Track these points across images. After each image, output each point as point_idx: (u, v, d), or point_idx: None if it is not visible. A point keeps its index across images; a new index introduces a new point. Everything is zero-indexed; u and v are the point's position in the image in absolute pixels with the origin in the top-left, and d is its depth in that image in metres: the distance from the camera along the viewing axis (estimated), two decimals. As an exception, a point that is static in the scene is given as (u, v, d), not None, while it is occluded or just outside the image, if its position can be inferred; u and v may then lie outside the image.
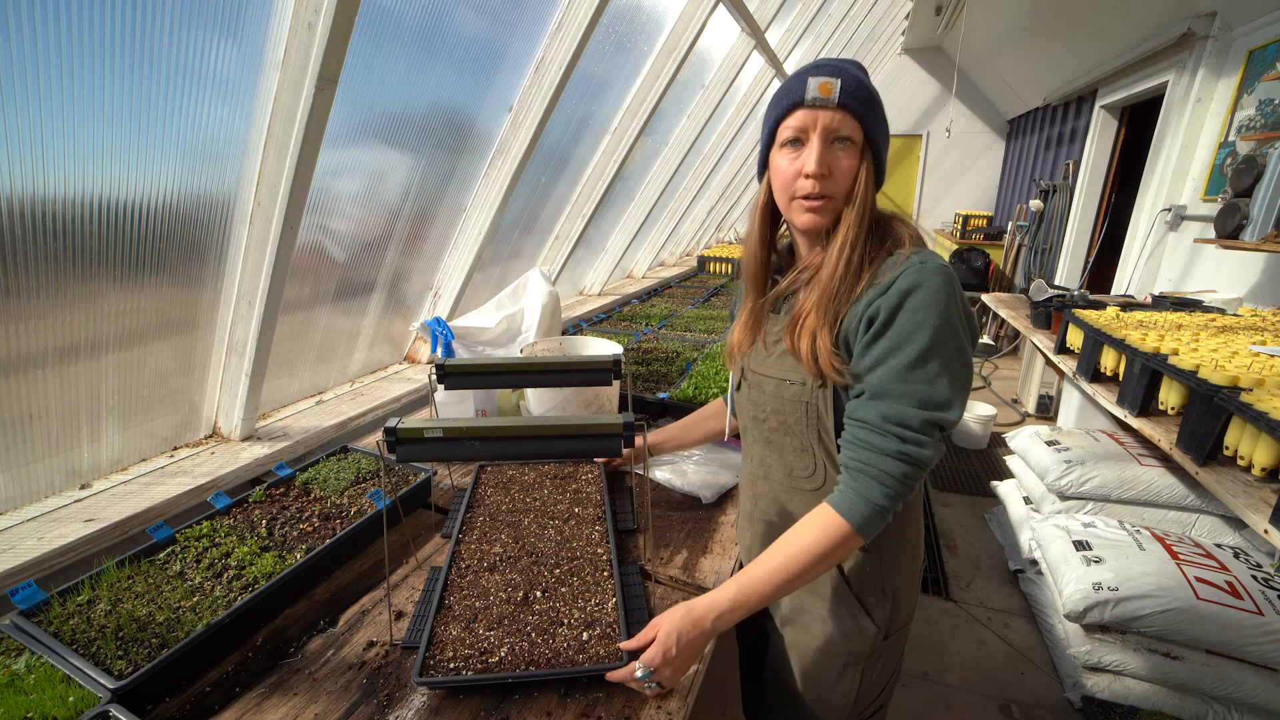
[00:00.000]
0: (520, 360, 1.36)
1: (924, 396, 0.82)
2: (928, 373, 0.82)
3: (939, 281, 0.83)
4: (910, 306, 0.82)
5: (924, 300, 0.82)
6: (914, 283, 0.83)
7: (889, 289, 0.84)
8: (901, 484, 0.83)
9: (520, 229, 2.71)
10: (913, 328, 0.82)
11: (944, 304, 0.82)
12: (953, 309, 0.83)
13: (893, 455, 0.82)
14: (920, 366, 0.82)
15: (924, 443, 0.82)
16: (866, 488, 0.83)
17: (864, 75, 0.90)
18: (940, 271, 0.84)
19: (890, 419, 0.82)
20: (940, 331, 0.82)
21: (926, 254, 0.88)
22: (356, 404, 1.87)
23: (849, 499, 0.84)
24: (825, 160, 0.88)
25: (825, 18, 4.63)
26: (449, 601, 1.06)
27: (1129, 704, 1.88)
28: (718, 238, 6.50)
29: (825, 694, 1.07)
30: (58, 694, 0.81)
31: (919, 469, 0.83)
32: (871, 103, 0.89)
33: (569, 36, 1.94)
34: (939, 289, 0.83)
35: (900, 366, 0.82)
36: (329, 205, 1.65)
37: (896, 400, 0.82)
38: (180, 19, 1.09)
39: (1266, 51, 2.86)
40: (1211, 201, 3.14)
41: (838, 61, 0.89)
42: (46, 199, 1.05)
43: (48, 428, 1.23)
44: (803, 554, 0.85)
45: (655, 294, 3.94)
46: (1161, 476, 2.30)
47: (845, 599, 1.02)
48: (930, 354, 0.82)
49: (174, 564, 1.09)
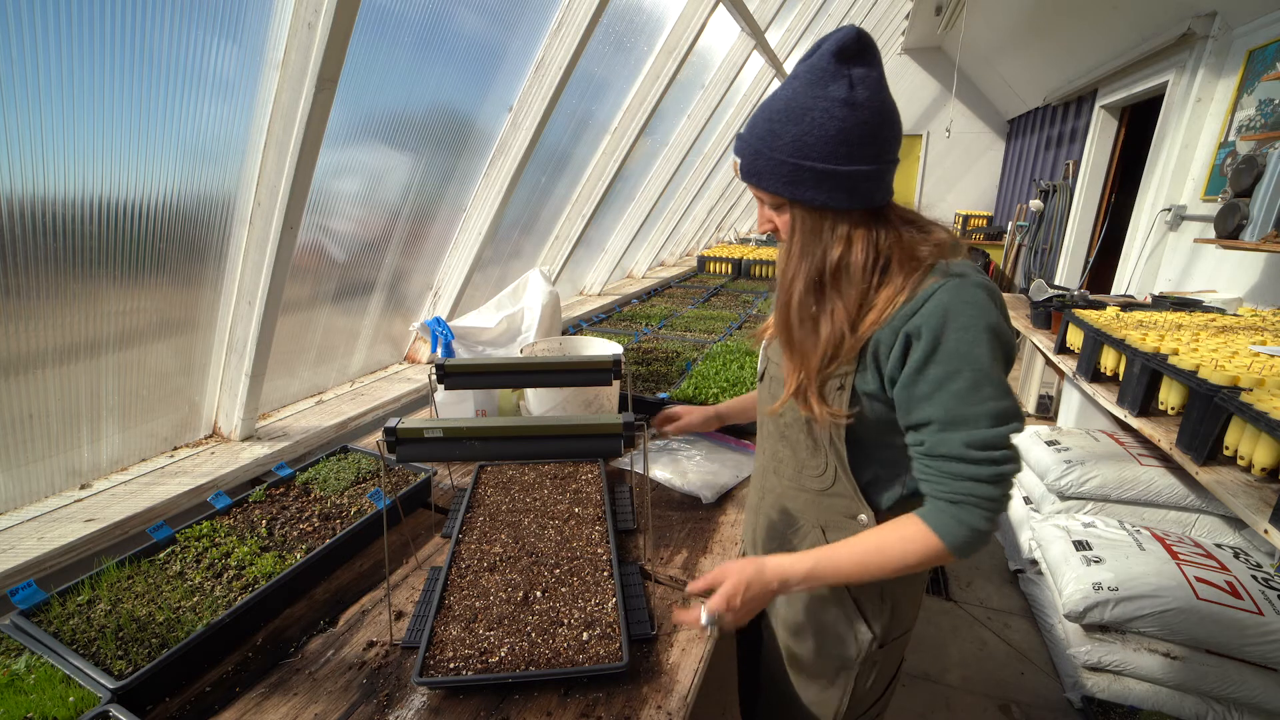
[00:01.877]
0: (520, 360, 1.36)
1: (997, 412, 0.80)
2: (994, 389, 0.80)
3: (981, 296, 0.81)
4: (958, 325, 0.80)
5: (971, 317, 0.80)
6: (955, 298, 0.80)
7: (927, 302, 0.82)
8: (1001, 503, 0.82)
9: (520, 229, 2.71)
10: (966, 347, 0.80)
11: (991, 317, 0.81)
12: (996, 321, 0.81)
13: (989, 480, 0.81)
14: (985, 385, 0.80)
15: (1013, 457, 0.82)
16: (969, 515, 0.82)
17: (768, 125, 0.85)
18: (981, 285, 0.82)
19: (977, 445, 0.81)
20: (993, 345, 0.80)
21: (959, 266, 0.84)
22: (356, 404, 1.87)
23: (949, 524, 0.83)
24: (765, 221, 0.94)
25: (825, 18, 4.63)
26: (449, 601, 1.06)
27: (1129, 704, 1.88)
28: (718, 238, 6.51)
29: (818, 698, 1.07)
30: (58, 694, 0.81)
31: (1010, 485, 0.83)
32: (768, 170, 0.86)
33: (569, 36, 1.94)
34: (982, 303, 0.81)
35: (965, 390, 0.80)
36: (329, 205, 1.65)
37: (974, 426, 0.81)
38: (180, 19, 1.09)
39: (1266, 51, 2.86)
40: (1211, 201, 3.14)
41: (749, 129, 0.88)
42: (46, 199, 1.05)
43: (48, 428, 1.23)
44: (893, 558, 0.85)
45: (655, 294, 3.94)
46: (1161, 476, 2.30)
47: (844, 604, 1.01)
48: (991, 370, 0.80)
49: (174, 564, 1.09)
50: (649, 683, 0.94)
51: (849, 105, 0.80)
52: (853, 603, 1.01)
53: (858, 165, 0.83)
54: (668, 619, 1.08)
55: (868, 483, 0.96)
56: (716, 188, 5.12)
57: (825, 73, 0.81)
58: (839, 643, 1.03)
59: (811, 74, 0.82)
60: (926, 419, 0.83)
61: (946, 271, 0.83)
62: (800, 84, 0.83)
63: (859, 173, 0.83)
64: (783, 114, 0.84)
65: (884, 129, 0.83)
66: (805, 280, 0.89)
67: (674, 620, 0.92)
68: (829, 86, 0.81)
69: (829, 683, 1.05)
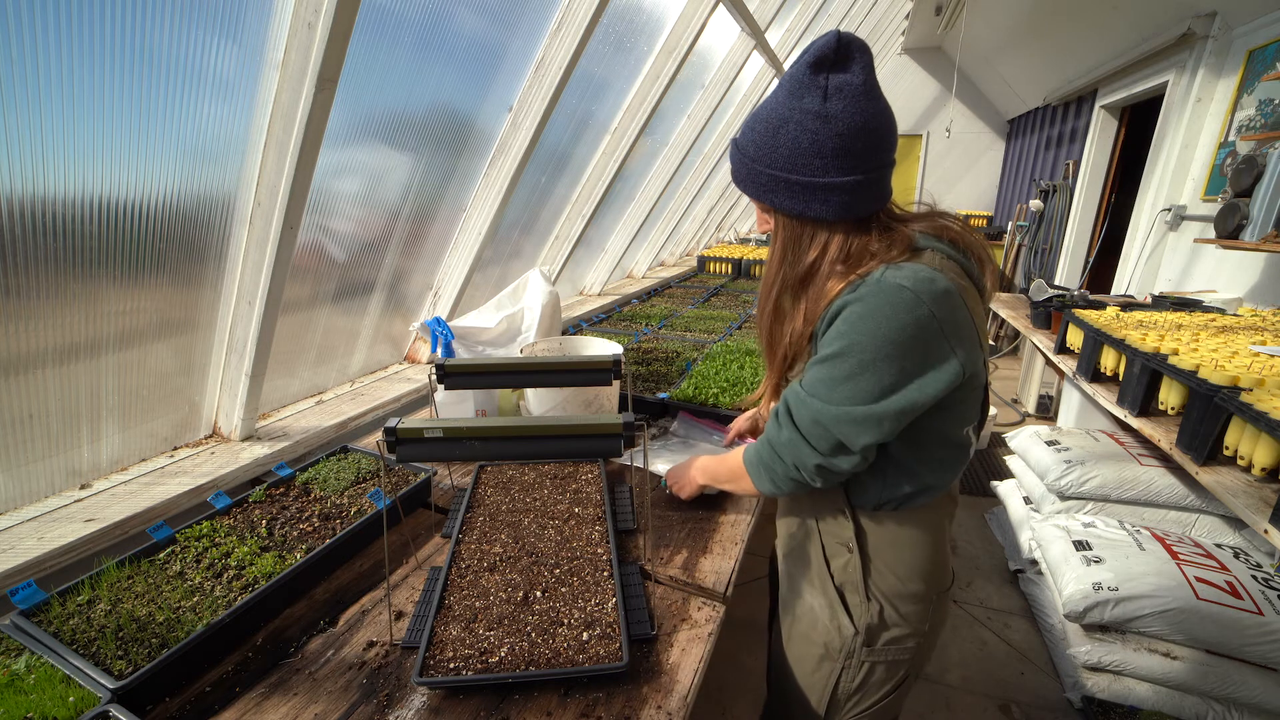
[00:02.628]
0: (520, 360, 1.36)
1: (809, 394, 0.90)
2: (829, 379, 0.87)
3: (878, 302, 0.82)
4: (845, 316, 0.85)
5: (856, 313, 0.84)
6: (858, 294, 0.84)
7: (840, 298, 0.87)
8: (779, 475, 0.98)
9: (520, 229, 2.71)
10: (835, 335, 0.86)
11: (893, 320, 0.81)
12: (902, 322, 0.81)
13: (772, 443, 0.97)
14: (824, 369, 0.88)
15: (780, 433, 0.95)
16: (765, 458, 1.00)
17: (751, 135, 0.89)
18: (898, 288, 0.81)
19: (785, 409, 0.94)
20: (854, 343, 0.84)
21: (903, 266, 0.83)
22: (356, 404, 1.87)
23: (751, 457, 1.04)
24: (762, 222, 0.99)
25: (825, 18, 4.63)
26: (449, 601, 1.06)
27: (1129, 704, 1.88)
28: (718, 238, 6.51)
29: (807, 680, 1.10)
30: (58, 694, 0.81)
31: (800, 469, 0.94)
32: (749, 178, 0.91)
33: (569, 36, 1.94)
34: (888, 303, 0.81)
35: (813, 363, 0.90)
36: (329, 205, 1.65)
37: (802, 392, 0.91)
38: (180, 19, 1.09)
39: (1266, 51, 2.86)
40: (1211, 201, 3.14)
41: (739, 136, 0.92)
42: (46, 199, 1.05)
43: (48, 428, 1.23)
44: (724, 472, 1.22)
45: (655, 294, 3.94)
46: (1161, 476, 2.30)
47: (828, 592, 1.04)
48: (840, 363, 0.86)
49: (174, 564, 1.09)
50: (649, 683, 0.94)
51: (821, 118, 0.81)
52: (836, 593, 1.03)
53: (833, 177, 0.83)
54: (668, 619, 1.08)
55: (845, 482, 1.00)
56: (716, 188, 5.11)
57: (800, 84, 0.82)
58: (823, 630, 1.05)
59: (791, 84, 0.84)
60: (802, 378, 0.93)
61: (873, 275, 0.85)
62: (781, 94, 0.85)
63: (835, 184, 0.84)
64: (764, 125, 0.87)
65: (861, 139, 0.82)
66: (781, 284, 0.95)
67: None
68: (804, 98, 0.82)
69: (814, 667, 1.08)
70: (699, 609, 1.11)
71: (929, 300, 0.81)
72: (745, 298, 3.81)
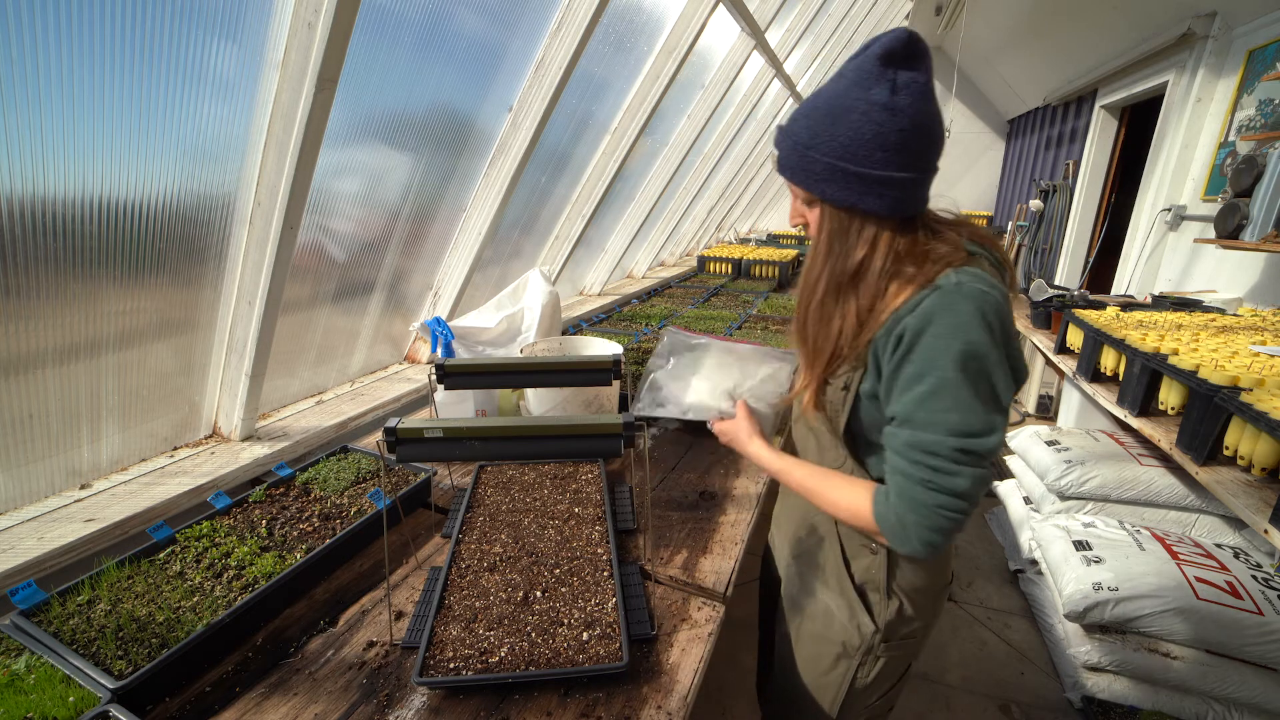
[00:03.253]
0: (520, 360, 1.36)
1: (949, 424, 0.80)
2: (954, 400, 0.79)
3: (966, 308, 0.79)
4: (933, 332, 0.80)
5: (947, 327, 0.79)
6: (940, 305, 0.80)
7: (918, 306, 0.82)
8: (935, 515, 0.81)
9: (520, 229, 2.71)
10: (935, 354, 0.80)
11: (968, 330, 0.79)
12: (974, 336, 0.79)
13: (921, 484, 0.82)
14: (944, 394, 0.80)
15: (954, 471, 0.80)
16: (900, 506, 0.84)
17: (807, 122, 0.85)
18: (972, 297, 0.80)
19: (916, 446, 0.82)
20: (961, 359, 0.79)
21: (963, 274, 0.83)
22: (356, 404, 1.87)
23: (882, 503, 0.87)
24: (796, 215, 0.95)
25: (825, 17, 4.63)
26: (449, 601, 1.06)
27: (1129, 704, 1.88)
28: (718, 238, 6.51)
29: (819, 680, 1.10)
30: (58, 694, 0.81)
31: (953, 498, 0.81)
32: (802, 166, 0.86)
33: (569, 36, 1.94)
34: (965, 314, 0.79)
35: (923, 395, 0.81)
36: (329, 205, 1.65)
37: (921, 429, 0.82)
38: (180, 19, 1.09)
39: (1266, 51, 2.86)
40: (1211, 201, 3.14)
41: (790, 123, 0.89)
42: (46, 199, 1.05)
43: (48, 428, 1.23)
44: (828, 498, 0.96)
45: (655, 294, 3.94)
46: (1161, 476, 2.30)
47: (846, 592, 1.04)
48: (956, 380, 0.79)
49: (174, 564, 1.09)
50: (649, 683, 0.94)
51: (889, 110, 0.79)
52: (855, 593, 1.03)
53: (892, 171, 0.82)
54: (668, 619, 1.08)
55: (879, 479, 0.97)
56: (716, 188, 5.11)
57: (869, 74, 0.80)
58: (841, 629, 1.05)
59: (857, 74, 0.81)
60: (891, 414, 0.86)
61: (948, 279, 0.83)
62: (845, 83, 0.82)
63: (892, 179, 0.83)
64: (824, 112, 0.83)
65: (921, 138, 0.82)
66: (828, 281, 0.91)
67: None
68: (871, 89, 0.80)
69: (830, 667, 1.08)
70: (699, 609, 1.11)
71: (1005, 303, 0.83)
72: (745, 298, 3.81)
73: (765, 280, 4.53)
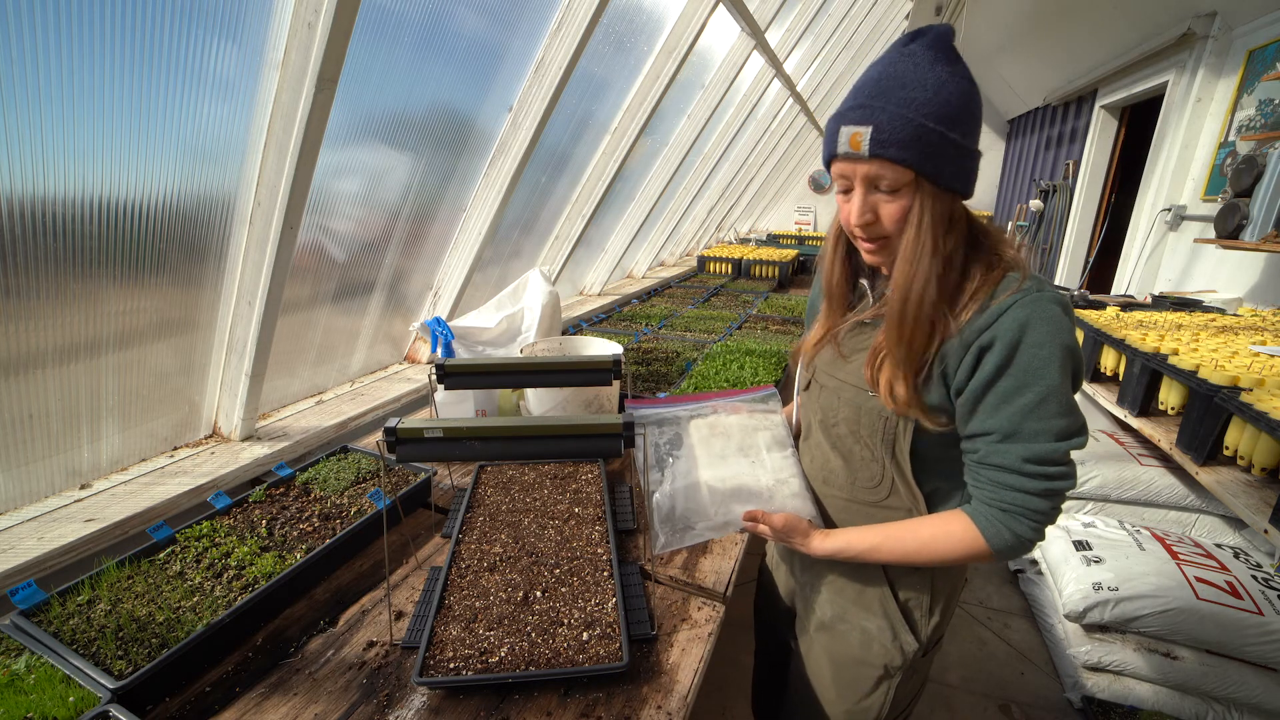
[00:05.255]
0: (520, 360, 1.36)
1: (1059, 429, 0.79)
2: (1060, 406, 0.79)
3: (1056, 312, 0.79)
4: (1032, 341, 0.78)
5: (1046, 334, 0.78)
6: (1032, 314, 0.78)
7: (1002, 316, 0.79)
8: (1050, 516, 0.83)
9: (520, 229, 2.71)
10: (1040, 363, 0.78)
11: (1065, 334, 0.79)
12: (1071, 339, 0.80)
13: (1040, 494, 0.81)
14: (1052, 401, 0.79)
15: (1067, 474, 0.81)
16: (1016, 524, 0.83)
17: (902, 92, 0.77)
18: (1057, 301, 0.80)
19: (1033, 459, 0.80)
20: (1065, 363, 0.79)
21: (1037, 280, 0.82)
22: (356, 404, 1.87)
23: (997, 528, 0.84)
24: (866, 210, 0.83)
25: (825, 17, 4.62)
26: (449, 601, 1.06)
27: (1129, 704, 1.88)
28: (718, 238, 6.51)
29: (857, 705, 1.06)
30: (58, 694, 0.81)
31: (1064, 498, 0.84)
32: (909, 137, 0.76)
33: (569, 36, 1.94)
34: (1058, 319, 0.79)
35: (1032, 405, 0.79)
36: (329, 205, 1.65)
37: (1033, 440, 0.80)
38: (180, 19, 1.09)
39: (1266, 51, 2.86)
40: (1211, 201, 3.14)
41: (872, 100, 0.78)
42: (46, 199, 1.05)
43: (48, 428, 1.23)
44: (938, 552, 0.88)
45: (655, 294, 3.94)
46: (1161, 476, 2.30)
47: (890, 613, 1.01)
48: (1060, 386, 0.79)
49: (174, 564, 1.09)
50: (649, 683, 0.94)
51: (970, 82, 0.79)
52: (899, 612, 1.01)
53: (975, 145, 0.81)
54: (668, 619, 1.08)
55: (929, 494, 0.95)
56: (716, 188, 5.11)
57: (946, 51, 0.80)
58: (884, 651, 1.02)
59: (933, 51, 0.79)
60: (987, 429, 0.83)
61: (1023, 283, 0.81)
62: (925, 60, 0.78)
63: (976, 154, 0.82)
64: (915, 81, 0.77)
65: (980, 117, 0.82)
66: (938, 282, 0.81)
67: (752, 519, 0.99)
68: (955, 64, 0.79)
69: (870, 690, 1.05)
70: (699, 609, 1.11)
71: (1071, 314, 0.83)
72: (745, 298, 3.81)
73: (765, 280, 4.53)
